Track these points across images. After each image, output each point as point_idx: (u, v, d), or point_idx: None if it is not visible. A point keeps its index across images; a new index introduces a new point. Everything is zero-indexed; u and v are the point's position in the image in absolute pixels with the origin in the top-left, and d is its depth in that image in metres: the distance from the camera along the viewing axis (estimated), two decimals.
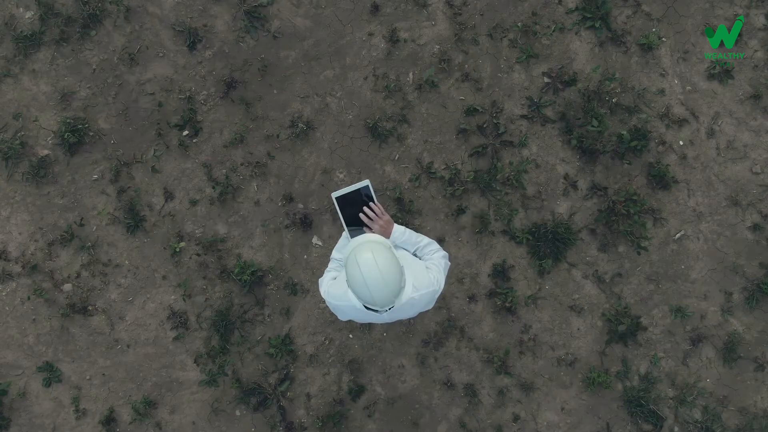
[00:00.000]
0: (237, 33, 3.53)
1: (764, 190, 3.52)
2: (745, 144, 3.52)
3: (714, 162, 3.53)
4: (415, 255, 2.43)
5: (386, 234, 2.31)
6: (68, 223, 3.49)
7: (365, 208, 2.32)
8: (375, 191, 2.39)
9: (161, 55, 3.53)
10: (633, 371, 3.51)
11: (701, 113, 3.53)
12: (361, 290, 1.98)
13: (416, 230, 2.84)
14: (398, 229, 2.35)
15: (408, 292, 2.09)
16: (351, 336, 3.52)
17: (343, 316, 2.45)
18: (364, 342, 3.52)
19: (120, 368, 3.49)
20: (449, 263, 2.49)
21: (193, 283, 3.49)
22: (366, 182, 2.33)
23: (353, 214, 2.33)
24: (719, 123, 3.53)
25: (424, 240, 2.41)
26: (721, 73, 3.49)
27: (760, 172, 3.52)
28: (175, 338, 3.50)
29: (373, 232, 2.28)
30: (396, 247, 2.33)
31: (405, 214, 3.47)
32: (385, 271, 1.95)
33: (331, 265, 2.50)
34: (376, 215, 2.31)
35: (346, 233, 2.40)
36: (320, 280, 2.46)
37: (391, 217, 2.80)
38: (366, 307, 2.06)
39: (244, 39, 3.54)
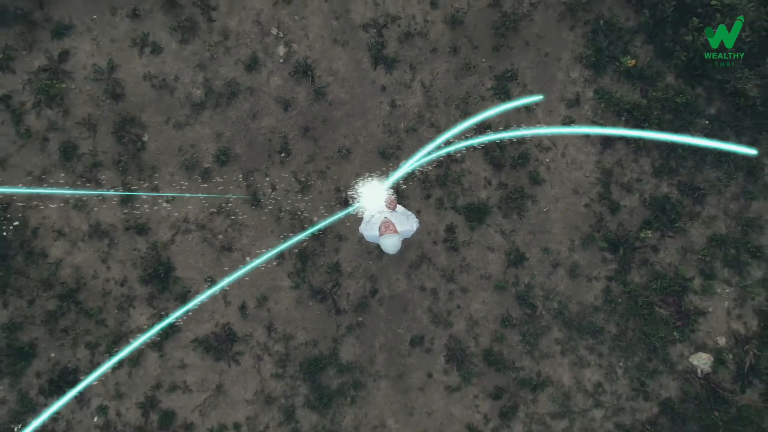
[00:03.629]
0: (310, 101, 6.63)
1: (591, 186, 6.60)
2: (580, 161, 6.61)
3: (564, 170, 6.62)
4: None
5: (393, 207, 5.34)
6: (220, 201, 6.59)
7: (386, 198, 5.31)
8: (382, 184, 5.46)
9: (269, 113, 6.63)
10: (521, 281, 6.60)
11: (558, 144, 6.62)
12: (383, 246, 4.97)
13: (406, 207, 5.91)
14: (399, 208, 5.39)
15: (403, 218, 5.10)
16: (371, 263, 6.61)
17: (370, 241, 5.51)
18: (378, 266, 6.61)
19: (247, 278, 6.58)
20: (419, 224, 5.54)
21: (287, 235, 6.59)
22: (386, 181, 5.38)
23: (377, 199, 5.36)
24: (567, 149, 6.62)
25: (409, 212, 5.46)
26: (568, 122, 6.58)
27: (588, 176, 6.60)
28: (277, 264, 6.60)
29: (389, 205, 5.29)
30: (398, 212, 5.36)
31: (400, 198, 6.56)
32: (394, 245, 4.89)
33: (362, 223, 5.52)
34: (390, 201, 5.35)
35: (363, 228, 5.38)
36: (359, 228, 5.48)
37: (395, 198, 5.86)
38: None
39: (313, 104, 6.63)
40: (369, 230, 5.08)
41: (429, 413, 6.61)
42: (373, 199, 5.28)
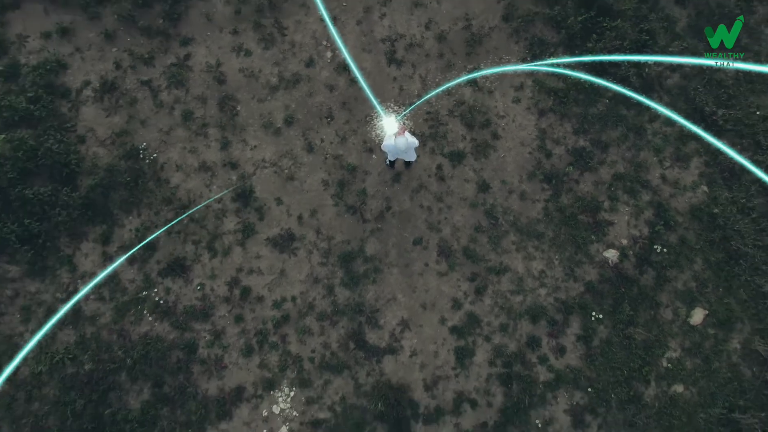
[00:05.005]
0: (346, 86, 10.11)
1: (532, 140, 9.96)
2: (525, 124, 10.02)
3: (515, 130, 10.01)
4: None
5: (403, 131, 8.64)
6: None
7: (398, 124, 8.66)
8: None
9: (320, 93, 10.10)
10: (487, 202, 9.80)
11: (509, 113, 10.05)
12: (397, 145, 8.30)
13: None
14: (408, 134, 8.72)
15: (409, 142, 8.41)
16: (386, 189, 9.82)
17: (390, 155, 8.77)
18: (391, 191, 9.82)
19: (306, 196, 9.75)
20: (418, 143, 8.86)
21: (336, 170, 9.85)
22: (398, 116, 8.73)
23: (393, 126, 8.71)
24: (516, 117, 10.05)
25: (413, 136, 8.78)
26: (516, 101, 10.05)
27: (530, 134, 9.98)
28: (324, 190, 9.80)
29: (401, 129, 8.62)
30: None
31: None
32: (404, 143, 8.21)
33: (384, 141, 8.81)
34: (401, 126, 8.68)
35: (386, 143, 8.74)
36: (381, 146, 8.76)
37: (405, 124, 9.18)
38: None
39: (348, 88, 10.11)
40: (387, 141, 8.38)
41: (426, 290, 9.57)
42: (390, 125, 8.57)
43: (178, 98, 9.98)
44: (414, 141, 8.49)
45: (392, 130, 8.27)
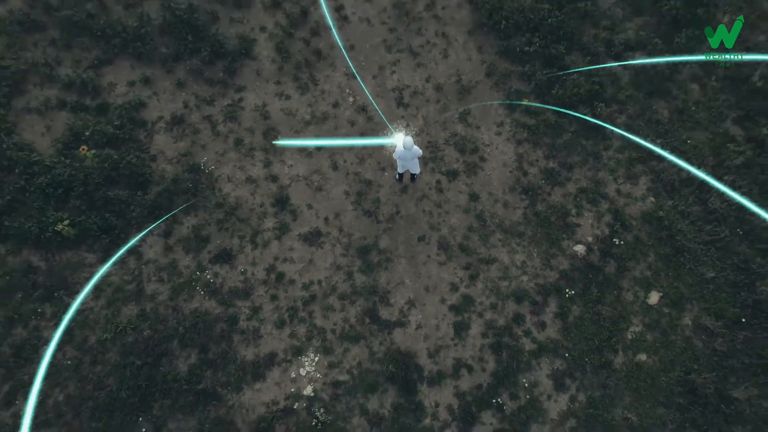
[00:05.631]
0: (364, 123, 12.87)
1: (512, 162, 12.51)
2: (506, 150, 12.63)
3: (498, 155, 12.60)
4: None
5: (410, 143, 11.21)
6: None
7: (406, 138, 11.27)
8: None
9: (344, 127, 12.82)
10: (477, 208, 12.14)
11: (494, 143, 12.70)
12: (404, 144, 10.85)
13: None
14: (415, 147, 11.29)
15: (414, 151, 10.94)
16: (397, 195, 12.19)
17: (400, 166, 11.26)
18: (400, 199, 12.18)
19: (331, 203, 12.09)
20: (422, 153, 11.40)
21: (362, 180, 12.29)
22: (408, 135, 11.35)
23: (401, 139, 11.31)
24: (499, 145, 12.69)
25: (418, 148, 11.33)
26: (498, 133, 12.74)
27: (510, 157, 12.54)
28: (345, 198, 12.18)
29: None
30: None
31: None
32: (409, 142, 10.80)
33: (394, 152, 11.34)
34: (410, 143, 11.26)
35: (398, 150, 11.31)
36: (393, 154, 11.28)
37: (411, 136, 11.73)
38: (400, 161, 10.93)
39: (366, 124, 12.85)
40: (398, 148, 10.90)
41: (428, 277, 11.60)
42: (399, 139, 11.13)
43: (232, 129, 12.67)
44: (418, 150, 11.02)
45: (401, 140, 10.82)
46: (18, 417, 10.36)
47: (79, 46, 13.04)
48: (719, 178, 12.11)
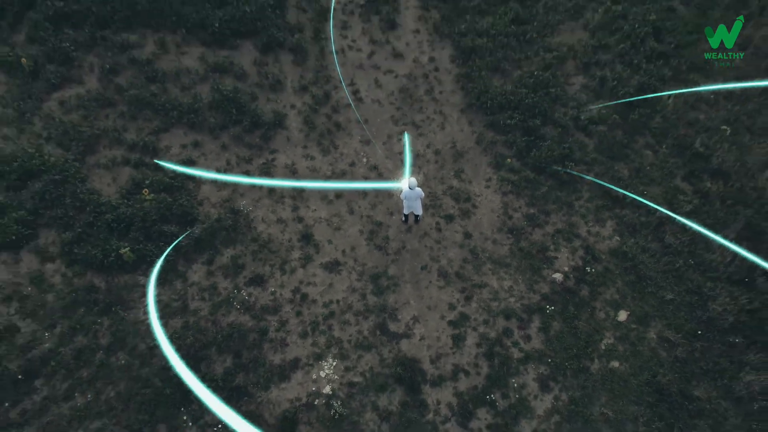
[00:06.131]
0: (377, 174, 15.55)
1: (499, 208, 15.02)
2: (494, 199, 15.18)
3: (487, 203, 15.13)
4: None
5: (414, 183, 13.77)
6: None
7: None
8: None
9: (359, 177, 15.48)
10: (471, 245, 14.44)
11: (483, 194, 15.30)
12: (409, 184, 13.41)
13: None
14: (418, 188, 13.86)
15: (416, 192, 13.48)
16: (402, 236, 14.53)
17: (406, 207, 13.76)
18: (406, 237, 14.51)
19: (348, 238, 14.41)
20: (424, 195, 13.96)
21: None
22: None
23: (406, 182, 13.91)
24: (487, 195, 15.27)
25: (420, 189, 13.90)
26: (487, 186, 15.37)
27: (497, 204, 15.07)
28: (360, 235, 14.53)
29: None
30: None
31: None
32: (414, 183, 13.38)
33: (400, 189, 13.87)
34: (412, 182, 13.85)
35: (404, 191, 13.87)
36: (401, 195, 13.80)
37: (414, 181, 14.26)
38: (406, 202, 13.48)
39: (379, 176, 15.52)
40: (404, 189, 13.45)
41: (430, 298, 13.64)
42: (405, 182, 13.68)
43: (263, 175, 15.32)
44: (420, 191, 13.57)
45: (409, 187, 13.40)
46: (75, 410, 11.97)
47: (143, 117, 16.06)
48: (672, 224, 14.53)
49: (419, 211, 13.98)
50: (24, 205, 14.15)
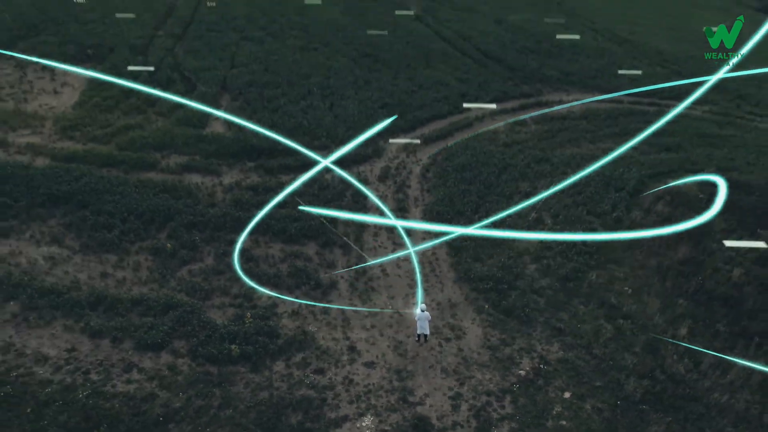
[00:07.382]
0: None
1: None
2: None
3: None
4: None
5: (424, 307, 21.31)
6: None
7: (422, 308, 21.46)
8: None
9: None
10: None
11: None
12: (422, 317, 21.02)
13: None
14: (426, 313, 21.40)
15: (425, 314, 21.06)
16: (417, 347, 21.54)
17: (419, 328, 21.21)
18: (420, 348, 21.50)
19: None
20: (431, 318, 21.47)
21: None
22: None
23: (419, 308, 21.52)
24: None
25: (428, 315, 21.38)
26: None
27: (482, 339, 22.35)
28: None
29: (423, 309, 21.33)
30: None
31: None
32: (426, 316, 20.98)
33: (415, 313, 21.34)
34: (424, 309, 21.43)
35: (417, 314, 21.39)
36: (415, 317, 21.27)
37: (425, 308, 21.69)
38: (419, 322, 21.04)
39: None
40: (418, 312, 21.12)
41: (435, 383, 20.11)
42: (419, 308, 21.30)
43: (324, 314, 22.97)
44: (428, 314, 21.20)
45: (420, 310, 21.15)
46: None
47: (241, 281, 24.50)
48: (597, 342, 21.66)
49: (427, 332, 21.29)
50: (165, 325, 21.74)
